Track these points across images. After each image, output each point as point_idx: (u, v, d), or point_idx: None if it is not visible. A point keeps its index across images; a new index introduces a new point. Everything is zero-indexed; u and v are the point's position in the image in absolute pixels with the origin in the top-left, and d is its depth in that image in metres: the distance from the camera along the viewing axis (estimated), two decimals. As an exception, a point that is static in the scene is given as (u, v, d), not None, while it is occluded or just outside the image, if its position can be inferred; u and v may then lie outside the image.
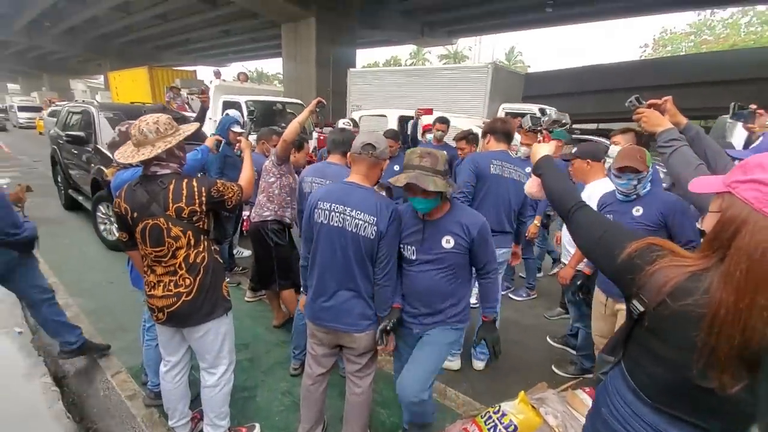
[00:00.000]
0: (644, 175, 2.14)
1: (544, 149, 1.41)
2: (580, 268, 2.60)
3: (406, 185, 1.69)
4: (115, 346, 2.99)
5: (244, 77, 12.45)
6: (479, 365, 2.97)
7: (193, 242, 1.79)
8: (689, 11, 26.53)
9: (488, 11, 19.29)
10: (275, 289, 3.17)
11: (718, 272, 0.79)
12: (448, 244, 1.77)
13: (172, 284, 1.80)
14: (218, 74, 13.16)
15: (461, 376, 2.89)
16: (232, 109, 4.82)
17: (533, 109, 9.56)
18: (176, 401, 2.09)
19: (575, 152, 2.80)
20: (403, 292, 1.88)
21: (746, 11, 28.38)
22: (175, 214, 1.74)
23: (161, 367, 2.08)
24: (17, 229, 2.43)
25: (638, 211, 2.18)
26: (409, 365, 1.87)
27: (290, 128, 2.76)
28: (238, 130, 3.91)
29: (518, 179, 2.70)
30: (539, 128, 3.39)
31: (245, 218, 3.77)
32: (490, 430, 1.96)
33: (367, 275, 1.80)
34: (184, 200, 1.74)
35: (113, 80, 18.62)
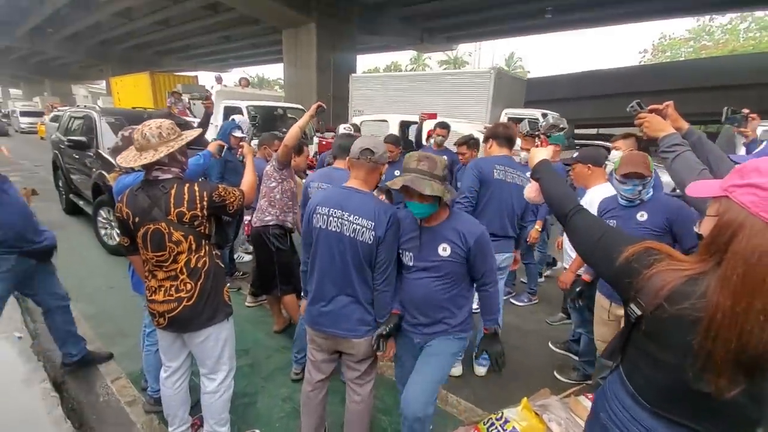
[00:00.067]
0: (649, 180, 2.14)
1: (541, 153, 1.41)
2: (580, 273, 2.60)
3: (403, 189, 1.68)
4: (115, 351, 2.99)
5: (245, 82, 12.54)
6: (481, 371, 2.96)
7: (194, 247, 1.79)
8: (688, 17, 26.63)
9: (487, 17, 19.36)
10: (277, 294, 3.16)
11: (714, 276, 0.80)
12: (444, 251, 1.73)
13: (173, 289, 1.80)
14: (219, 80, 13.23)
15: (463, 381, 2.87)
16: (236, 114, 4.85)
17: (536, 114, 9.58)
18: (176, 407, 2.08)
19: (576, 157, 2.80)
20: (401, 299, 1.85)
21: (745, 17, 28.49)
22: (176, 218, 1.74)
23: (161, 372, 2.07)
24: (38, 237, 2.47)
25: (643, 216, 2.18)
26: (413, 378, 1.83)
27: (291, 133, 2.77)
28: (239, 135, 3.92)
29: (521, 184, 2.69)
30: (537, 133, 3.40)
31: (246, 223, 3.78)
32: (492, 436, 1.95)
33: (365, 280, 1.79)
34: (185, 205, 1.74)
35: (115, 85, 18.72)
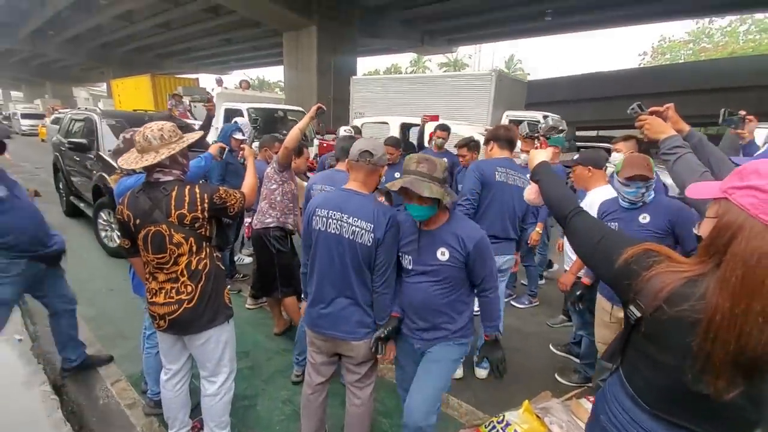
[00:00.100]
0: (651, 182, 2.14)
1: (541, 155, 1.41)
2: (580, 275, 2.60)
3: (403, 190, 1.68)
4: (115, 353, 2.99)
5: (245, 85, 12.59)
6: (482, 374, 2.95)
7: (195, 249, 1.80)
8: (688, 20, 26.70)
9: (488, 20, 19.42)
10: (277, 296, 3.16)
11: (714, 278, 0.80)
12: (443, 256, 1.71)
13: (173, 291, 1.80)
14: (220, 82, 13.27)
15: (464, 384, 2.87)
16: (237, 117, 4.86)
17: (537, 116, 9.60)
18: (176, 410, 2.07)
19: (577, 159, 2.81)
20: (400, 303, 1.84)
21: (744, 19, 28.51)
22: (177, 220, 1.74)
23: (162, 375, 2.07)
24: (49, 241, 2.48)
25: (645, 218, 2.18)
26: (414, 386, 1.80)
27: (291, 135, 2.78)
28: (240, 137, 3.93)
29: (522, 186, 2.68)
30: (536, 134, 3.41)
31: (247, 225, 3.78)
32: (493, 439, 1.95)
33: (364, 283, 1.79)
34: (186, 207, 1.74)
35: (116, 88, 18.78)
